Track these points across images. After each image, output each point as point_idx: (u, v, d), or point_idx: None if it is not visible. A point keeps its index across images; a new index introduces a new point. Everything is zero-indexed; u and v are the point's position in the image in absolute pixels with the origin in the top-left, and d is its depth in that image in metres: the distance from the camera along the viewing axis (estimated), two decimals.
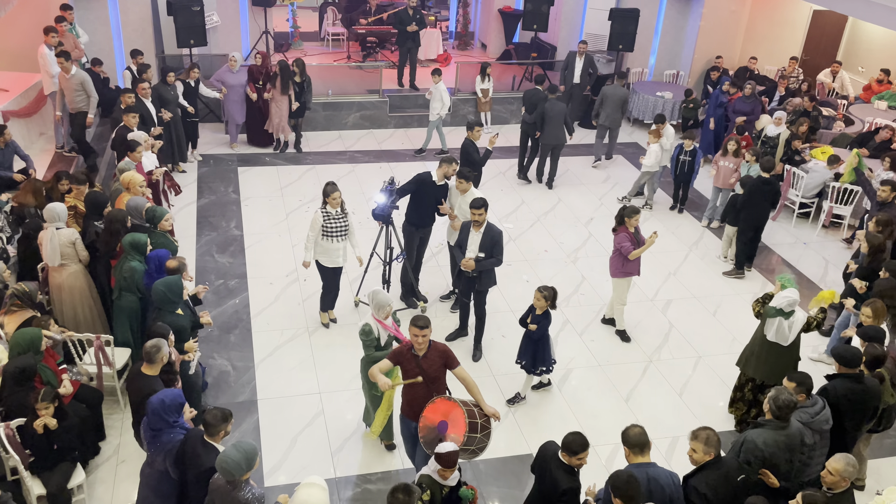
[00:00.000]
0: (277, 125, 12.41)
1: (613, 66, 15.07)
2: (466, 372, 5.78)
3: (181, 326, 6.25)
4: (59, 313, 7.12)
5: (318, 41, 17.56)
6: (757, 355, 7.00)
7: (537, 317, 7.09)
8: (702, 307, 9.31)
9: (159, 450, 5.11)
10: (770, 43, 16.10)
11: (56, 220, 7.00)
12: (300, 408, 7.28)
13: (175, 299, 6.27)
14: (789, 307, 6.67)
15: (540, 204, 11.65)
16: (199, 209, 10.81)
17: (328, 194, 7.72)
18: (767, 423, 5.44)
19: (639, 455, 4.96)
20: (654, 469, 4.93)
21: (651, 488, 4.85)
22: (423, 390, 5.67)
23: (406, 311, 8.75)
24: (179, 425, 5.18)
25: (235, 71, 12.05)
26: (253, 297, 8.90)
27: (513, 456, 6.83)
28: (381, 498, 6.34)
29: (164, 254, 6.79)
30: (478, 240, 7.58)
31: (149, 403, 5.10)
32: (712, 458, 4.97)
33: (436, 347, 5.71)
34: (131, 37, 13.27)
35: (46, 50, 10.30)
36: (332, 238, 7.82)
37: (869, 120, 13.02)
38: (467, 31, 18.32)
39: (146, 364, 5.59)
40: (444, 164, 8.26)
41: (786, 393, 5.42)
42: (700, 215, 11.57)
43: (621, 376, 8.02)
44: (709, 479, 4.95)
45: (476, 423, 5.39)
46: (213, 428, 4.96)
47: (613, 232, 8.23)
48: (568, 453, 5.01)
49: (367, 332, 6.32)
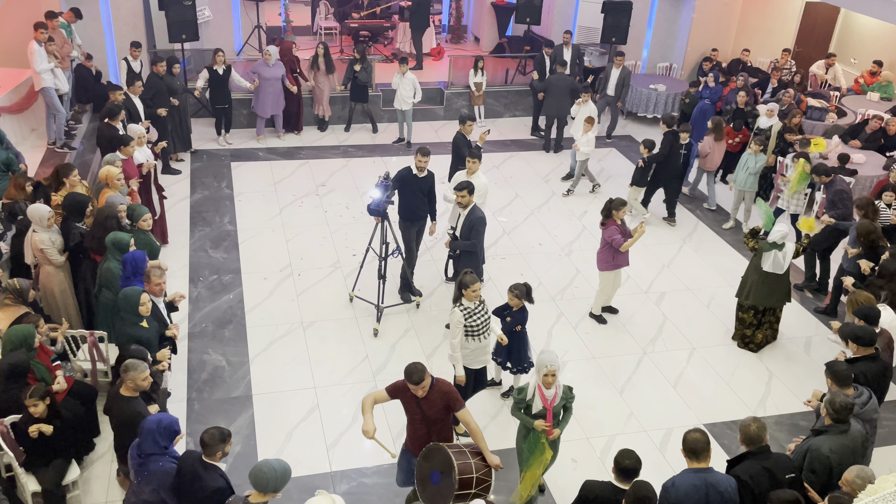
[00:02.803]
0: (323, 106, 13.13)
1: (606, 59, 15.06)
2: (471, 416, 5.41)
3: (145, 338, 5.96)
4: (46, 310, 7.11)
5: (310, 35, 17.49)
6: (755, 285, 8.00)
7: (515, 314, 6.93)
8: (695, 299, 9.33)
9: (147, 479, 4.78)
10: (763, 35, 16.11)
11: (35, 223, 6.97)
12: (295, 402, 7.28)
13: (129, 310, 5.97)
14: (782, 240, 7.73)
15: (534, 197, 11.65)
16: (193, 204, 10.78)
17: (467, 286, 6.35)
18: (829, 428, 5.32)
19: (695, 461, 4.88)
20: (712, 475, 4.82)
21: (709, 494, 4.75)
22: (424, 430, 5.42)
23: (401, 306, 8.76)
24: (170, 454, 4.87)
25: (271, 64, 12.18)
26: (247, 292, 8.89)
27: (507, 449, 6.83)
28: (376, 491, 6.35)
29: (141, 256, 6.62)
30: (460, 222, 7.80)
31: (144, 424, 4.81)
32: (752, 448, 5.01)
33: (438, 388, 5.34)
34: (122, 31, 13.19)
35: (36, 46, 10.24)
36: (476, 337, 6.56)
37: (861, 111, 13.05)
38: (460, 25, 18.27)
39: (123, 386, 5.32)
40: (419, 155, 8.30)
41: (840, 395, 5.31)
42: (693, 208, 11.59)
43: (616, 368, 8.04)
44: (749, 469, 4.96)
45: (470, 478, 5.07)
46: (211, 448, 4.71)
47: (602, 226, 8.25)
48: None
49: (520, 389, 5.71)
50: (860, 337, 6.14)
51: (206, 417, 6.99)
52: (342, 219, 10.62)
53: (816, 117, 12.67)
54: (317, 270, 9.38)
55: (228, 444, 4.82)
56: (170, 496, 4.82)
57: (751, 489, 4.91)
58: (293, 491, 6.25)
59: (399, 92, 12.66)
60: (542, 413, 5.56)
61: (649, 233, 10.54)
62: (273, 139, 13.03)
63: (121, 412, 5.30)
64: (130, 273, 6.52)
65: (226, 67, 11.93)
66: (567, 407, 5.78)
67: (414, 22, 15.35)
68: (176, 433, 4.92)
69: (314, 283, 9.12)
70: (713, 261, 10.18)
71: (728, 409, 7.54)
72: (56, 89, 10.53)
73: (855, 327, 6.28)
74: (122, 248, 6.74)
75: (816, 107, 12.76)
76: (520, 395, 5.67)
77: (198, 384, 7.41)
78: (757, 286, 8.00)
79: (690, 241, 10.70)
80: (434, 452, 5.19)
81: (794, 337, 8.71)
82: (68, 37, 11.64)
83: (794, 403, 7.67)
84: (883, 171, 10.83)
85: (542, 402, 5.56)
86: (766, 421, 7.34)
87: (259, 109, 12.61)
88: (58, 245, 7.03)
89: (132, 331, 5.95)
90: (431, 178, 8.46)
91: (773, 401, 7.71)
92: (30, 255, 7.15)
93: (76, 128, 11.66)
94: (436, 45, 16.70)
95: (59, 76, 10.61)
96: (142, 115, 10.59)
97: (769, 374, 8.08)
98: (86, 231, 7.21)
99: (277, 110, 12.74)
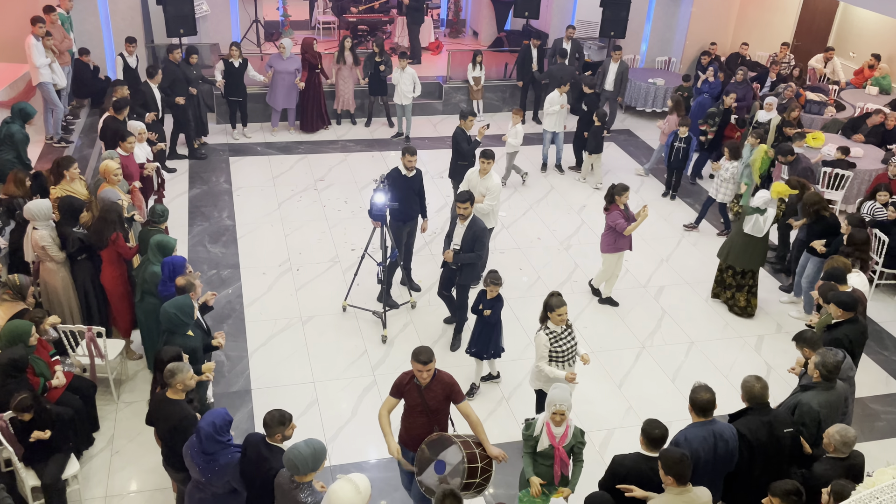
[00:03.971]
0: (344, 101, 13.26)
1: (605, 53, 15.03)
2: (471, 408, 5.39)
3: (192, 348, 5.86)
4: (46, 306, 7.11)
5: (308, 30, 17.45)
6: (735, 246, 8.60)
7: (489, 301, 7.04)
8: (694, 293, 9.34)
9: (219, 474, 4.85)
10: (761, 29, 16.09)
11: (33, 220, 6.92)
12: (294, 397, 7.28)
13: (186, 321, 5.87)
14: (765, 205, 8.26)
15: (533, 192, 11.65)
16: (191, 199, 10.77)
17: (553, 308, 6.10)
18: (817, 384, 5.65)
19: (701, 416, 5.14)
20: (717, 425, 5.11)
21: (716, 442, 5.04)
22: (423, 420, 5.39)
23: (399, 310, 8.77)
24: (233, 444, 4.95)
25: (286, 58, 12.27)
26: (246, 287, 8.89)
27: (505, 442, 6.84)
28: (376, 485, 6.34)
29: (180, 261, 6.47)
30: (462, 232, 7.53)
31: (199, 430, 4.84)
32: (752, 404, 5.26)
33: (440, 379, 5.35)
34: (120, 26, 13.17)
35: (33, 40, 10.22)
36: (561, 363, 6.26)
37: (860, 105, 13.04)
38: (458, 19, 18.24)
39: (170, 389, 5.29)
40: (407, 155, 8.21)
41: (830, 355, 5.62)
42: (692, 202, 11.60)
43: (614, 362, 8.05)
44: (749, 424, 5.23)
45: (476, 467, 5.06)
46: (271, 429, 4.82)
47: (605, 211, 8.47)
48: None
49: (528, 425, 5.41)
50: (845, 302, 6.43)
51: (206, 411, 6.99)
52: (341, 213, 10.62)
53: (815, 111, 12.66)
54: (315, 265, 9.38)
55: (290, 428, 4.88)
56: (239, 483, 4.91)
57: (749, 442, 5.18)
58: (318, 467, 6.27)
59: (399, 87, 12.65)
60: (549, 452, 5.37)
61: (648, 227, 10.56)
62: (284, 133, 13.11)
63: (171, 416, 5.22)
64: (168, 278, 6.36)
65: (242, 60, 12.08)
66: (578, 456, 5.46)
67: (410, 16, 15.33)
68: (230, 423, 4.96)
69: (313, 278, 9.12)
70: (712, 255, 10.15)
71: (726, 403, 7.50)
72: (54, 84, 10.52)
73: (840, 293, 6.57)
74: (166, 253, 6.57)
75: (815, 101, 12.76)
76: (527, 431, 5.38)
77: None
78: (737, 248, 8.57)
79: (689, 235, 10.70)
80: (439, 441, 5.18)
81: (792, 331, 8.69)
82: (68, 31, 11.60)
83: None
84: (881, 164, 10.83)
85: (549, 439, 5.33)
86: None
87: (272, 102, 12.74)
88: (58, 241, 7.00)
89: (181, 341, 5.79)
90: (420, 176, 8.39)
91: (773, 394, 7.65)
92: (30, 252, 7.12)
93: (74, 123, 11.64)
94: (434, 40, 16.67)
95: (56, 71, 10.59)
96: (159, 104, 10.77)
97: (767, 368, 8.09)
98: (84, 235, 7.06)
99: (290, 104, 12.82)
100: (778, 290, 9.51)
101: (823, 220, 8.48)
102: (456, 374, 6.50)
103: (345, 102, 13.35)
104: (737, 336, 8.59)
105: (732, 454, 5.14)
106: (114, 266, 7.14)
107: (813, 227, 8.55)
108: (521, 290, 9.14)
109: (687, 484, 4.62)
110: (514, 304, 8.82)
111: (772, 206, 8.36)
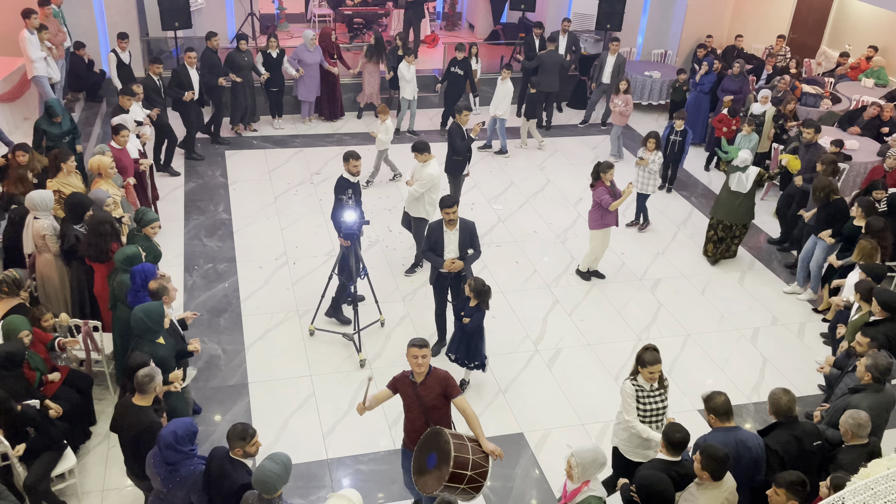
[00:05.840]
0: (370, 94, 13.34)
1: (601, 46, 15.02)
2: (467, 403, 5.29)
3: (161, 357, 5.67)
4: (42, 299, 7.09)
5: (304, 23, 17.40)
6: (723, 202, 9.40)
7: (470, 309, 6.81)
8: (690, 286, 9.36)
9: (180, 485, 4.78)
10: (757, 21, 16.07)
11: (34, 210, 6.89)
12: (291, 390, 7.29)
13: (155, 328, 5.72)
14: (744, 164, 9.11)
15: (529, 185, 11.65)
16: (187, 193, 10.75)
17: (645, 364, 5.44)
18: (867, 387, 5.65)
19: (725, 420, 5.10)
20: (741, 432, 5.09)
21: (739, 451, 4.99)
22: (421, 420, 5.36)
23: (396, 294, 8.76)
24: (195, 454, 4.86)
25: (312, 50, 12.48)
26: (242, 280, 8.88)
27: (503, 435, 6.87)
28: (372, 479, 6.38)
29: (151, 269, 6.32)
30: (455, 238, 7.27)
31: (160, 438, 4.76)
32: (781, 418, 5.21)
33: (435, 374, 5.31)
34: (115, 19, 13.10)
35: (27, 34, 10.17)
36: (647, 424, 5.57)
37: (856, 98, 13.04)
38: (455, 12, 18.20)
39: (138, 395, 5.17)
40: (352, 160, 8.03)
41: (882, 357, 5.63)
42: (688, 195, 11.61)
43: (610, 355, 8.06)
44: (780, 438, 5.18)
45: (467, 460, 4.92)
46: (233, 443, 4.71)
47: (591, 187, 8.78)
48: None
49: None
50: (888, 302, 6.47)
51: (203, 406, 7.00)
52: None
53: (811, 104, 12.66)
54: (312, 259, 9.37)
55: (251, 445, 4.73)
56: (200, 497, 4.80)
57: (780, 457, 5.11)
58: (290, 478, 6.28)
59: (406, 81, 12.64)
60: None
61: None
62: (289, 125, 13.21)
63: (137, 423, 5.11)
64: (140, 286, 6.21)
65: (279, 51, 12.32)
66: None
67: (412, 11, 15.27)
68: (195, 434, 4.87)
69: (309, 272, 9.11)
70: None
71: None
72: (48, 78, 10.47)
73: (885, 291, 6.61)
74: (133, 265, 6.42)
75: (811, 93, 12.75)
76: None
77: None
78: (723, 202, 9.38)
79: (685, 228, 10.72)
80: (431, 436, 5.16)
81: (788, 323, 8.75)
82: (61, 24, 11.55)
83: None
84: (877, 157, 10.84)
85: (562, 494, 4.96)
86: (759, 406, 7.39)
87: (302, 94, 12.95)
88: (58, 232, 6.98)
89: (149, 349, 5.67)
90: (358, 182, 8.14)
91: (767, 386, 7.73)
92: (30, 243, 7.03)
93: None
94: (430, 33, 16.63)
95: (51, 65, 10.55)
96: (194, 85, 11.12)
97: (763, 360, 8.11)
98: (82, 235, 6.93)
99: (313, 96, 13.07)
100: (778, 279, 9.56)
101: (832, 204, 8.52)
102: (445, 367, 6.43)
103: (370, 96, 13.44)
104: (732, 328, 8.61)
105: (758, 464, 5.06)
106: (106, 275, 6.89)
107: (821, 211, 8.60)
108: (516, 284, 9.15)
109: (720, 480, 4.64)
110: (511, 298, 8.83)
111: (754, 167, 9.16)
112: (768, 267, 9.83)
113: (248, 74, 12.04)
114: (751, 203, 9.33)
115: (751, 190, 9.20)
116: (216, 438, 6.65)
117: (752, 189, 9.20)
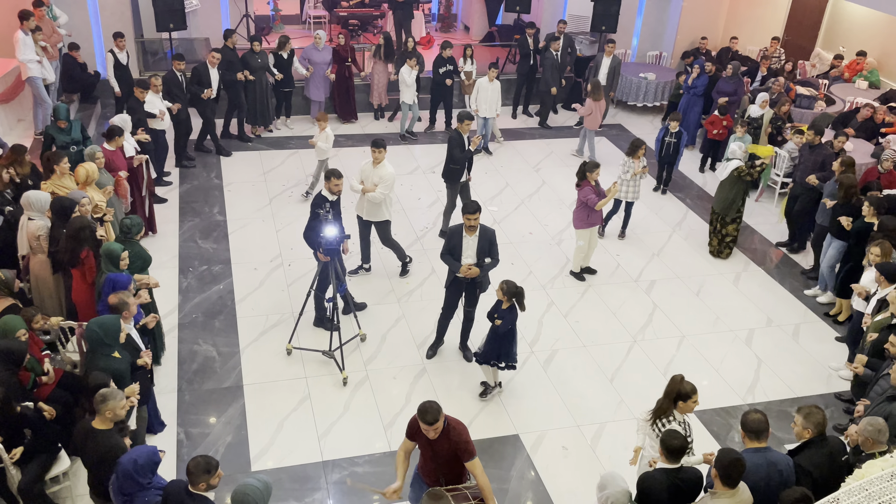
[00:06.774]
0: (380, 94, 13.46)
1: (596, 47, 15.05)
2: (481, 469, 5.05)
3: (117, 370, 5.54)
4: (37, 301, 7.06)
5: (299, 24, 17.39)
6: (717, 192, 9.80)
7: (503, 311, 6.85)
8: (685, 287, 9.37)
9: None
10: (752, 23, 16.12)
11: (30, 209, 6.86)
12: (286, 392, 7.28)
13: (109, 342, 5.59)
14: (731, 156, 9.63)
15: (524, 186, 11.65)
16: (182, 195, 10.73)
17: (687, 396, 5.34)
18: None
19: (755, 440, 4.95)
20: (771, 454, 4.93)
21: (769, 473, 4.84)
22: (432, 465, 5.16)
23: (392, 296, 8.74)
24: (154, 486, 4.62)
25: (321, 49, 12.73)
26: (237, 282, 8.86)
27: (497, 437, 6.86)
28: (367, 480, 6.36)
29: (125, 279, 6.24)
30: (474, 244, 7.25)
31: (119, 465, 4.55)
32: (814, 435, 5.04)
33: (447, 436, 4.97)
34: (109, 21, 13.07)
35: (22, 35, 10.14)
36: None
37: (850, 99, 13.08)
38: (450, 13, 18.20)
39: (98, 417, 4.92)
40: (334, 179, 7.76)
41: None
42: (683, 196, 11.63)
43: (606, 356, 8.07)
44: (813, 458, 5.00)
45: None
46: (195, 477, 4.46)
47: (577, 187, 8.89)
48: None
49: None
50: None
51: (197, 408, 6.98)
52: None
53: (805, 105, 12.70)
54: (306, 260, 9.35)
55: (215, 477, 4.52)
56: None
57: (814, 479, 4.93)
58: (285, 480, 6.28)
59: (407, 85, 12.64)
60: None
61: (639, 222, 10.59)
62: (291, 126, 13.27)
63: (98, 447, 4.88)
64: (107, 296, 6.06)
65: (290, 52, 12.44)
66: None
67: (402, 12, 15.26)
68: (156, 464, 4.70)
69: (304, 274, 9.10)
70: (702, 249, 10.21)
71: (717, 397, 7.59)
72: (43, 79, 10.45)
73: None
74: (114, 262, 6.38)
75: (805, 95, 12.79)
76: None
77: (188, 375, 7.40)
78: (717, 193, 9.80)
79: (680, 229, 10.73)
80: (433, 498, 4.74)
81: (783, 324, 8.77)
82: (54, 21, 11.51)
83: (782, 390, 7.72)
84: (871, 158, 10.87)
85: None
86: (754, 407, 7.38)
87: (312, 94, 13.05)
88: None
89: (104, 363, 5.53)
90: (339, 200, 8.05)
91: (762, 388, 7.76)
92: (24, 244, 7.01)
93: None
94: (425, 34, 16.63)
95: (46, 66, 10.52)
96: (213, 84, 11.33)
97: (758, 362, 8.13)
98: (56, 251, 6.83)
99: (326, 94, 13.20)
100: (773, 280, 9.61)
101: (852, 205, 8.55)
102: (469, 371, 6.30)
103: (379, 96, 13.55)
104: (727, 330, 8.62)
105: (787, 486, 4.87)
106: (84, 283, 6.79)
107: (838, 209, 8.65)
108: None
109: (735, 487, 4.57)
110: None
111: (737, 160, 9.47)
112: (763, 268, 9.85)
113: (262, 75, 12.14)
114: (729, 195, 9.53)
115: (732, 185, 9.42)
116: (211, 441, 6.64)
117: (733, 183, 9.42)
